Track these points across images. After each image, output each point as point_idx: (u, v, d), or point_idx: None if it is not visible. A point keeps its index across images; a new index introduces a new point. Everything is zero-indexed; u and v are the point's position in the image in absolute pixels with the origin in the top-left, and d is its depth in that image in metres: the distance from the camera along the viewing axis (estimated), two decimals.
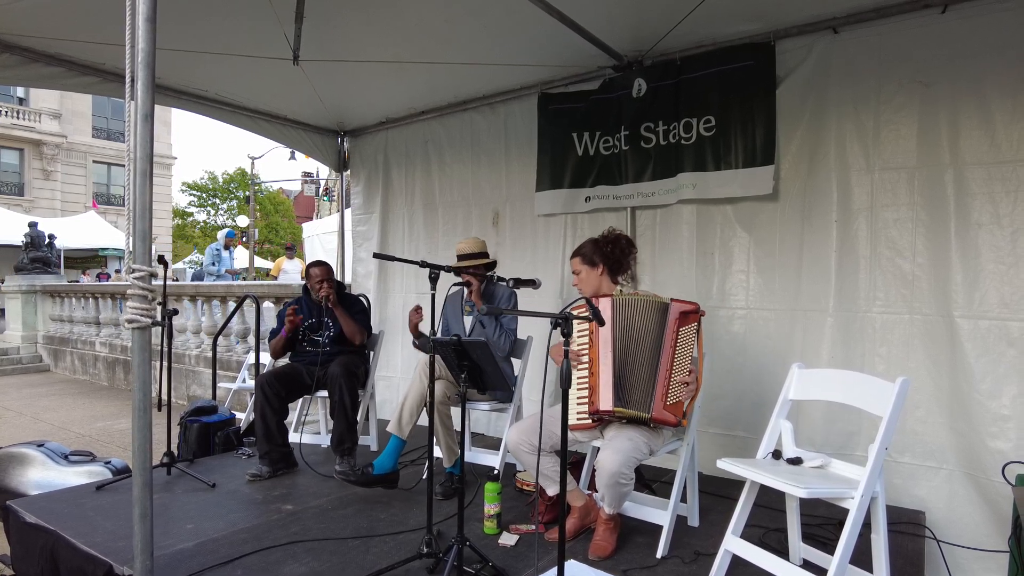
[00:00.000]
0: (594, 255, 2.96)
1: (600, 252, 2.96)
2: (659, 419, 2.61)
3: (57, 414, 7.27)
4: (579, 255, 3.01)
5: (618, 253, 2.97)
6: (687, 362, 2.68)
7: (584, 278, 2.97)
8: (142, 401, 1.90)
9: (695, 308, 2.71)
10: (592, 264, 2.96)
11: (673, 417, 2.61)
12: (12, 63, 3.79)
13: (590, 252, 2.97)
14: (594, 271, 2.96)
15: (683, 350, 2.68)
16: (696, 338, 2.71)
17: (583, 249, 3.01)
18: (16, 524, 2.98)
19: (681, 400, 2.64)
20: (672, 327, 2.68)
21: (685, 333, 2.69)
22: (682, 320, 2.69)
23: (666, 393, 2.62)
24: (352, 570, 2.47)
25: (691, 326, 2.70)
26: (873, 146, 3.32)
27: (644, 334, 2.70)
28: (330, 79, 4.46)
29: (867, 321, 3.34)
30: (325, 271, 4.00)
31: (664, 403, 2.61)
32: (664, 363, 2.65)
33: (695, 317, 2.70)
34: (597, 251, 2.97)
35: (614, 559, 2.58)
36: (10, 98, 24.87)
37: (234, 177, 32.69)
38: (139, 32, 1.89)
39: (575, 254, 3.03)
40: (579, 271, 2.99)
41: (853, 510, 1.99)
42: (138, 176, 1.89)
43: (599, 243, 3.01)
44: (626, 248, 2.99)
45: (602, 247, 2.98)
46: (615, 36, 3.71)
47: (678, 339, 2.67)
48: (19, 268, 12.01)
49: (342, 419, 3.64)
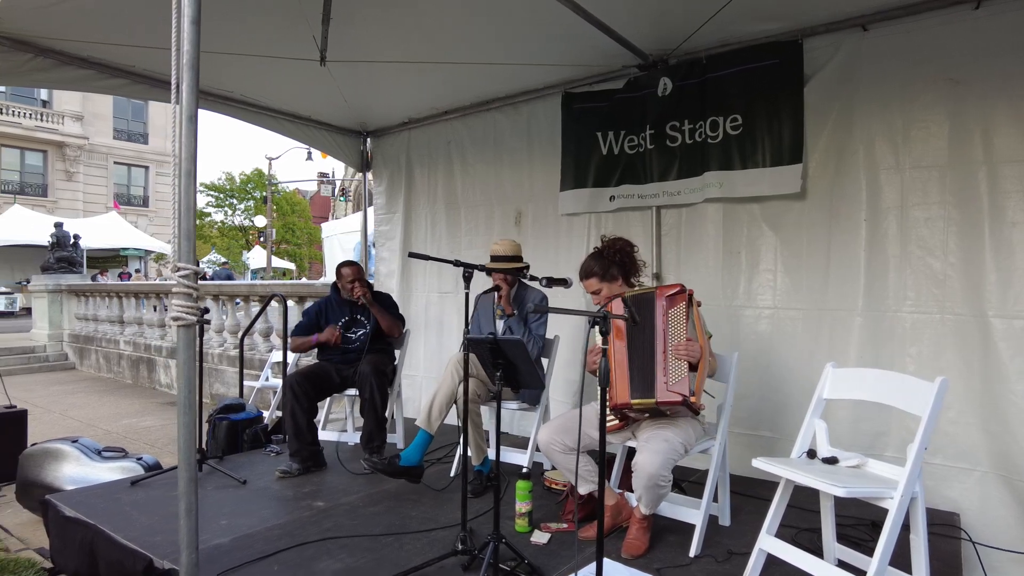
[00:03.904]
0: (610, 269, 2.94)
1: (613, 264, 2.94)
2: (664, 401, 2.59)
3: (84, 411, 7.39)
4: (594, 275, 2.95)
5: (626, 258, 2.98)
6: (681, 340, 2.64)
7: (606, 294, 2.92)
8: (187, 398, 1.93)
9: (679, 288, 2.71)
10: (611, 279, 2.94)
11: (678, 396, 2.56)
12: (47, 66, 3.87)
13: (604, 268, 2.94)
14: (614, 284, 2.94)
15: (675, 330, 2.66)
16: (687, 316, 2.68)
17: (594, 268, 2.96)
18: (55, 518, 3.04)
19: (684, 377, 2.59)
20: (661, 312, 2.69)
21: (675, 315, 2.68)
22: (669, 303, 2.69)
23: (667, 374, 2.62)
24: (386, 566, 2.49)
25: (679, 307, 2.68)
26: (903, 144, 3.30)
27: (647, 323, 2.71)
28: (354, 80, 4.50)
29: (897, 321, 3.31)
30: (356, 271, 4.05)
31: (667, 384, 2.60)
32: (659, 347, 2.66)
33: (682, 297, 2.69)
34: (611, 264, 2.94)
35: (647, 558, 2.58)
36: (34, 101, 25.31)
37: (251, 178, 32.97)
38: (184, 34, 1.93)
39: (588, 275, 2.97)
40: (599, 289, 2.95)
41: (893, 510, 1.97)
42: (183, 176, 1.92)
43: (606, 256, 2.97)
44: (629, 249, 2.99)
45: (611, 258, 2.96)
46: (640, 35, 3.71)
47: (668, 321, 2.68)
48: (45, 268, 12.22)
49: (372, 417, 3.68)
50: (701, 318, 2.75)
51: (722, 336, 3.55)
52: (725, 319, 3.78)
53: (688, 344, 2.61)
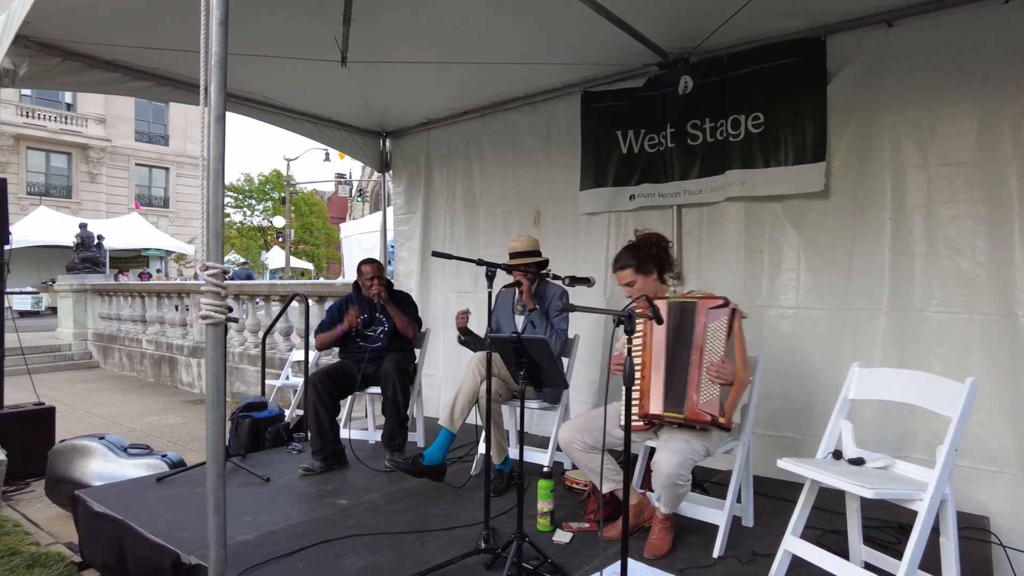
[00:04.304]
0: (645, 262, 2.90)
1: (650, 257, 2.91)
2: (692, 418, 2.57)
3: (108, 409, 7.51)
4: (628, 267, 2.91)
5: (662, 252, 2.95)
6: (716, 358, 2.59)
7: (640, 287, 2.88)
8: (216, 395, 1.96)
9: (723, 302, 2.65)
10: (646, 272, 2.90)
11: (706, 415, 2.54)
12: (74, 69, 3.94)
13: (640, 261, 2.90)
14: (649, 278, 2.90)
15: (712, 346, 2.61)
16: (728, 332, 2.62)
17: (629, 260, 2.92)
18: (84, 513, 3.10)
19: (716, 397, 2.55)
20: (701, 325, 2.64)
21: (714, 329, 2.63)
22: (710, 316, 2.64)
23: (698, 391, 2.58)
24: (409, 564, 2.50)
25: (720, 321, 2.62)
26: (929, 141, 3.26)
27: (686, 335, 2.67)
28: (374, 81, 4.53)
29: (923, 320, 3.27)
30: (376, 268, 4.08)
31: (697, 402, 2.57)
32: (694, 362, 2.62)
33: (725, 311, 2.63)
34: (647, 258, 2.91)
35: (670, 558, 2.57)
36: (58, 104, 25.78)
37: (270, 178, 33.28)
38: (212, 36, 1.95)
39: (623, 266, 2.93)
40: (633, 281, 2.91)
41: (923, 512, 1.95)
42: (211, 176, 1.95)
43: (642, 248, 2.94)
44: (665, 244, 2.97)
45: (647, 251, 2.92)
46: (660, 33, 3.70)
47: (707, 336, 2.63)
48: (70, 268, 12.44)
49: (394, 415, 3.70)
50: (743, 335, 2.69)
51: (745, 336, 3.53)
52: (747, 319, 3.73)
53: (721, 366, 2.55)
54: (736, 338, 2.65)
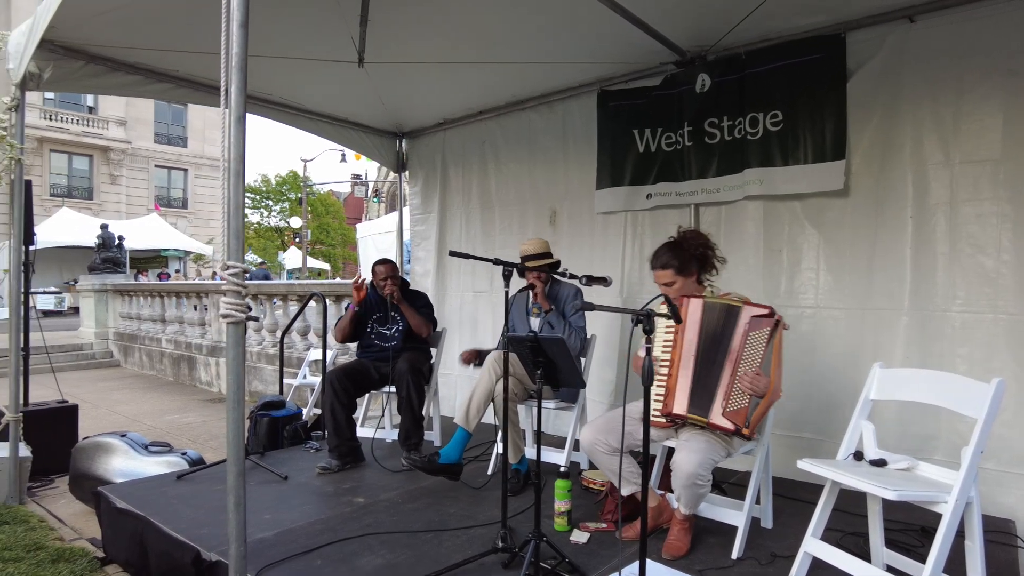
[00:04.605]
0: (688, 263, 2.83)
1: (693, 258, 2.83)
2: (715, 425, 2.55)
3: (129, 407, 7.61)
4: (670, 267, 2.82)
5: (708, 252, 2.88)
6: (752, 367, 2.54)
7: (679, 288, 2.81)
8: (236, 393, 1.98)
9: (769, 312, 2.58)
10: (688, 274, 2.83)
11: (730, 424, 2.51)
12: (97, 72, 4.01)
13: (683, 262, 2.81)
14: (689, 280, 2.84)
15: (750, 355, 2.55)
16: (768, 344, 2.56)
17: (671, 260, 2.82)
18: (107, 509, 3.14)
19: (744, 407, 2.52)
20: (742, 331, 2.58)
21: (755, 338, 2.56)
22: (753, 324, 2.58)
23: (727, 399, 2.55)
24: (426, 563, 2.51)
25: (762, 331, 2.56)
26: (953, 138, 3.21)
27: (724, 339, 2.61)
28: (391, 81, 4.56)
29: (946, 320, 3.22)
30: (389, 268, 4.10)
31: (723, 409, 2.54)
32: (728, 368, 2.58)
33: (768, 322, 2.56)
34: (691, 259, 2.83)
35: (688, 559, 2.56)
36: (80, 107, 26.21)
37: (286, 179, 33.57)
38: (233, 38, 1.97)
39: (664, 266, 2.83)
40: (673, 282, 2.82)
41: (947, 515, 1.92)
42: (232, 176, 1.97)
43: (686, 248, 2.85)
44: (711, 246, 2.89)
45: (692, 252, 2.84)
46: (678, 31, 3.68)
47: (745, 344, 2.57)
48: (92, 268, 12.63)
49: (409, 414, 3.72)
50: (781, 348, 2.61)
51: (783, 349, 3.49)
52: None
53: (755, 378, 2.50)
54: (775, 351, 2.57)
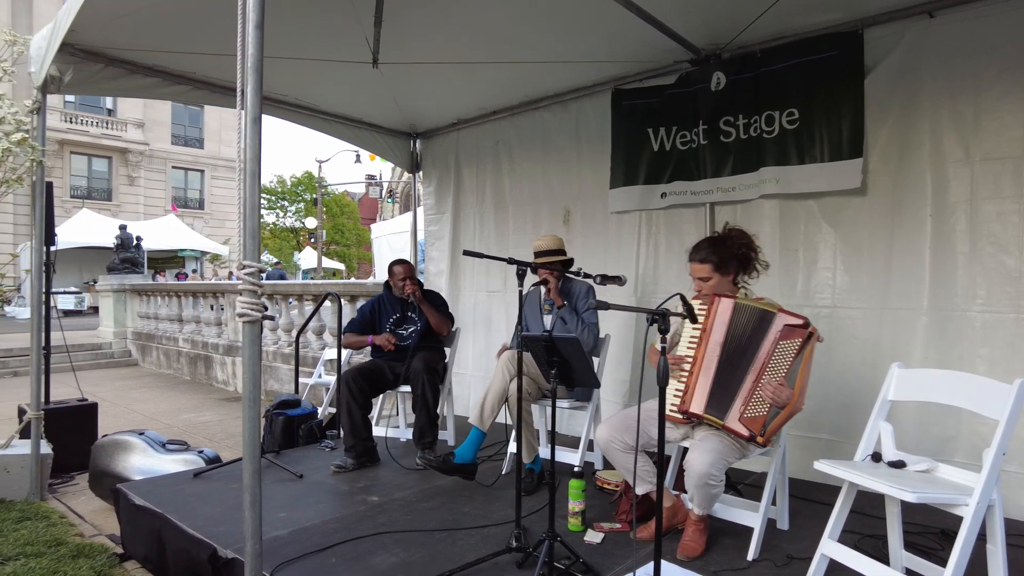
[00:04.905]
0: (728, 261, 2.75)
1: (733, 256, 2.76)
2: (730, 429, 2.53)
3: (147, 405, 7.70)
4: (709, 262, 2.73)
5: (750, 253, 2.81)
6: (777, 377, 2.51)
7: (714, 285, 2.74)
8: (252, 392, 1.99)
9: (803, 323, 2.52)
10: (726, 272, 2.75)
11: (745, 430, 2.49)
12: (116, 75, 4.06)
13: (723, 259, 2.73)
14: (726, 279, 2.76)
15: (776, 364, 2.52)
16: (798, 356, 2.51)
17: (711, 255, 2.74)
18: (126, 506, 3.18)
19: (762, 416, 2.49)
20: (772, 338, 2.54)
21: (785, 347, 2.52)
22: (785, 333, 2.53)
23: (746, 405, 2.53)
24: (440, 562, 2.51)
25: (794, 341, 2.51)
26: (973, 135, 3.16)
27: (752, 344, 2.58)
28: (405, 82, 4.57)
29: (966, 320, 3.17)
30: (407, 269, 4.12)
31: (741, 414, 2.52)
32: (752, 374, 2.55)
33: (801, 332, 2.51)
34: (731, 256, 2.76)
35: (703, 560, 2.54)
36: (100, 110, 26.60)
37: (302, 180, 33.83)
38: (248, 39, 1.99)
39: (703, 260, 2.75)
40: (709, 278, 2.74)
41: (968, 518, 1.89)
42: (248, 176, 1.98)
43: (728, 246, 2.77)
44: (753, 246, 2.82)
45: (733, 250, 2.77)
46: (692, 29, 3.66)
47: (774, 352, 2.53)
48: (111, 268, 12.80)
49: (423, 413, 3.73)
50: (811, 361, 2.56)
51: None
52: None
53: (778, 388, 2.46)
54: (803, 363, 2.52)
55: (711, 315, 2.68)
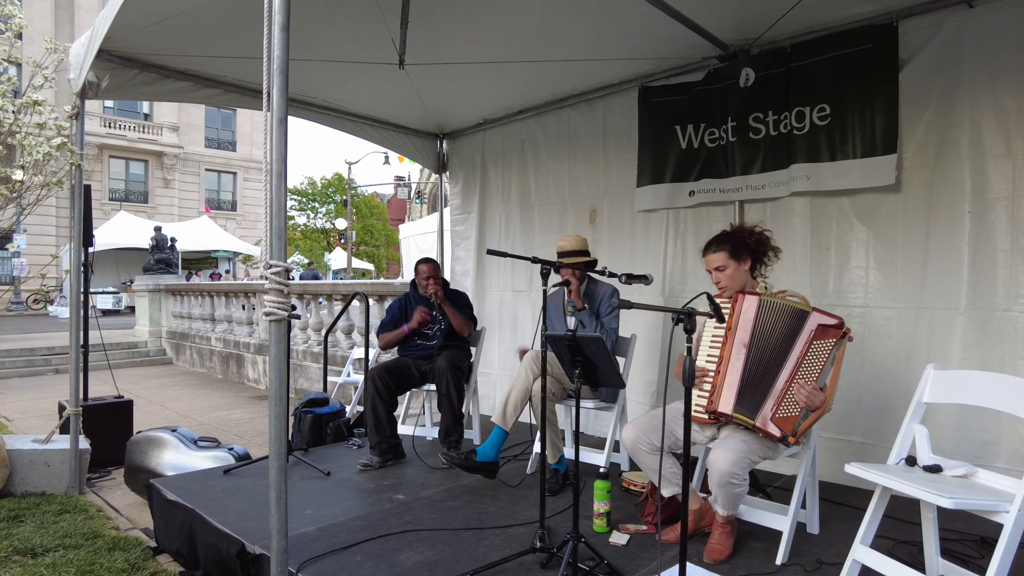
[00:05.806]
0: (741, 250, 2.75)
1: (745, 246, 2.76)
2: (761, 429, 2.49)
3: (180, 403, 7.87)
4: (723, 250, 2.75)
5: (761, 246, 2.81)
6: (811, 378, 2.47)
7: (731, 274, 2.74)
8: (278, 390, 2.01)
9: (838, 323, 2.49)
10: (740, 259, 2.75)
11: (778, 431, 2.45)
12: (150, 80, 4.16)
13: (735, 246, 2.75)
14: (742, 267, 2.75)
15: (810, 364, 2.48)
16: (831, 356, 2.48)
17: (723, 244, 2.77)
18: (159, 501, 3.25)
19: (794, 416, 2.46)
20: (805, 338, 2.50)
21: (818, 348, 2.48)
22: (819, 333, 2.49)
23: (779, 405, 2.48)
24: (465, 561, 2.52)
25: (828, 341, 2.47)
26: (1016, 129, 3.05)
27: (778, 340, 2.54)
28: (431, 82, 4.59)
29: (1007, 321, 3.07)
30: (432, 268, 4.14)
31: (773, 414, 2.48)
32: (785, 373, 2.51)
33: (835, 333, 2.47)
34: (743, 247, 2.76)
35: (730, 563, 2.50)
36: (137, 115, 27.34)
37: (332, 182, 34.27)
38: (275, 41, 2.01)
39: (718, 248, 2.77)
40: (725, 266, 2.75)
41: (1009, 525, 1.82)
42: (274, 177, 2.01)
43: (739, 236, 2.80)
44: (765, 238, 2.82)
45: (744, 240, 2.78)
46: (720, 25, 3.61)
47: (808, 352, 2.49)
48: (146, 269, 13.14)
49: (448, 412, 3.74)
50: (842, 362, 2.54)
51: None
52: None
53: (812, 393, 2.43)
54: (835, 364, 2.50)
55: (735, 313, 2.65)
